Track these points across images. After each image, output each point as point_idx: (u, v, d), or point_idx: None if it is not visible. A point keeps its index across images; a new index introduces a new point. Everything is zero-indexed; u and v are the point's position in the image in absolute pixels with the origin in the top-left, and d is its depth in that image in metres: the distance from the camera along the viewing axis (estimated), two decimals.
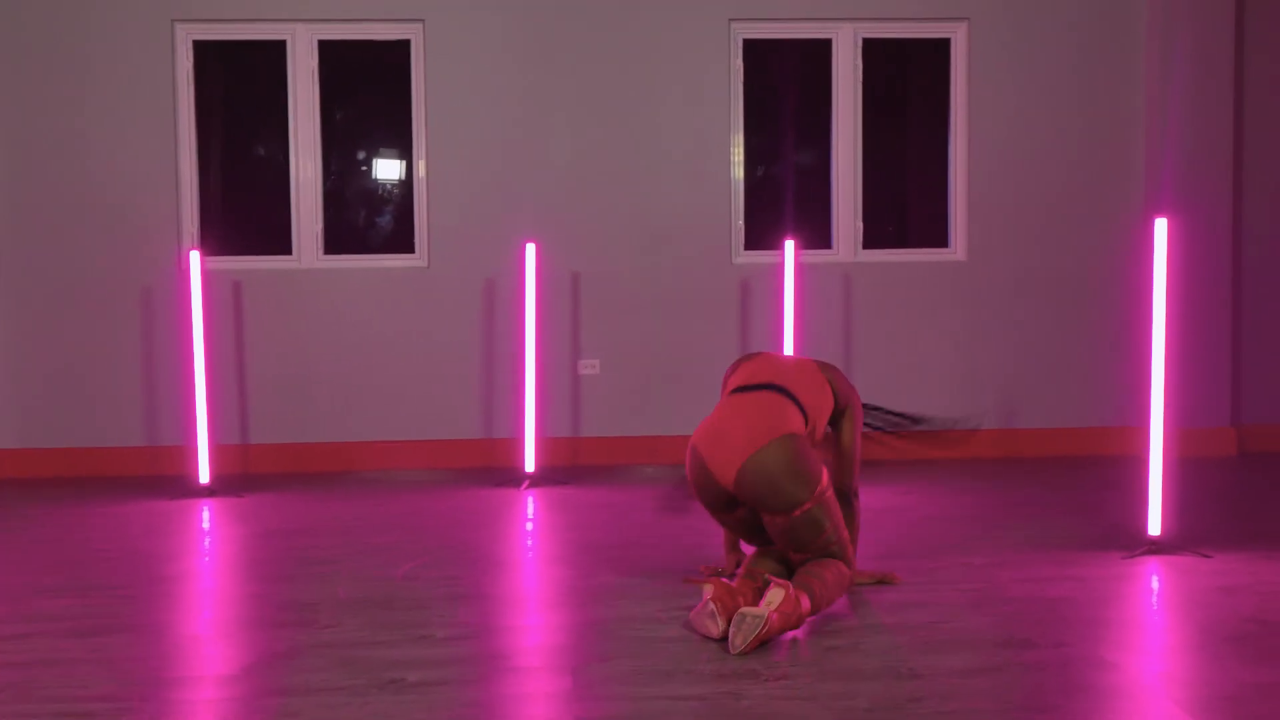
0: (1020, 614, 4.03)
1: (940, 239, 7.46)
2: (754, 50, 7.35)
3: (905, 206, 7.79)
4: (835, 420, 4.34)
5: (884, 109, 7.52)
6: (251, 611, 4.23)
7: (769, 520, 3.97)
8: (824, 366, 4.38)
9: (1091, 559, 4.73)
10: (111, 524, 5.71)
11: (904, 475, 6.68)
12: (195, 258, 6.44)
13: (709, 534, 5.10)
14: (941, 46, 7.39)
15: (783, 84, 7.68)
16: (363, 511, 5.94)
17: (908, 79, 7.74)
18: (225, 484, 6.62)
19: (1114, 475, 6.63)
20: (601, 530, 5.42)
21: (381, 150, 7.60)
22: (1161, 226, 4.77)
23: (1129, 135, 7.34)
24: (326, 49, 7.21)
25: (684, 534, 5.22)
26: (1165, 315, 4.78)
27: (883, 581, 4.42)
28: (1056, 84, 7.32)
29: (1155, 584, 4.45)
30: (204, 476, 6.46)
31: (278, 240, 7.25)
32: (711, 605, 3.73)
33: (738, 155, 7.32)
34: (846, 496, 4.31)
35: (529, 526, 5.76)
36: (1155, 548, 4.78)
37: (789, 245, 6.50)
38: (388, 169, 7.58)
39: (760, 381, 4.18)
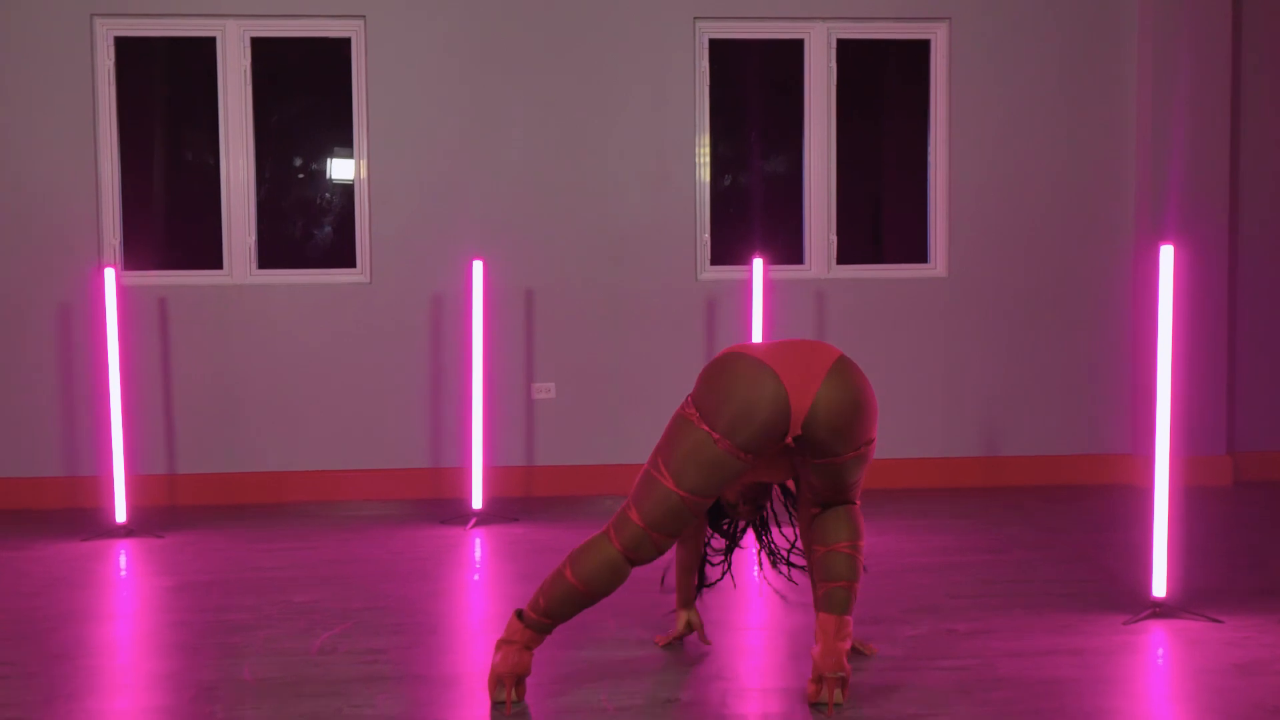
0: (1013, 703, 3.54)
1: (919, 254, 6.98)
2: (721, 51, 6.85)
3: (882, 219, 7.31)
4: None
5: (860, 115, 7.04)
6: (144, 699, 3.71)
7: (823, 464, 3.46)
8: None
9: (1089, 624, 4.25)
10: (11, 575, 5.16)
11: (877, 509, 6.19)
12: (110, 275, 5.90)
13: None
14: (920, 48, 6.91)
15: (751, 87, 7.19)
16: (290, 558, 5.41)
17: (885, 83, 7.25)
18: (145, 521, 6.09)
19: (1105, 510, 6.20)
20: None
21: (320, 157, 7.07)
22: (1167, 254, 4.29)
23: (1120, 144, 6.88)
24: (260, 47, 6.68)
25: (642, 588, 4.72)
26: (1171, 348, 4.30)
27: (858, 651, 3.94)
28: (1043, 89, 6.85)
29: (1162, 659, 3.98)
30: (120, 514, 5.93)
31: (207, 253, 6.72)
32: None
33: (703, 164, 6.83)
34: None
35: (475, 577, 5.25)
36: (1160, 611, 4.30)
37: (757, 263, 6.01)
38: (327, 177, 7.05)
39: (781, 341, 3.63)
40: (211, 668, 3.92)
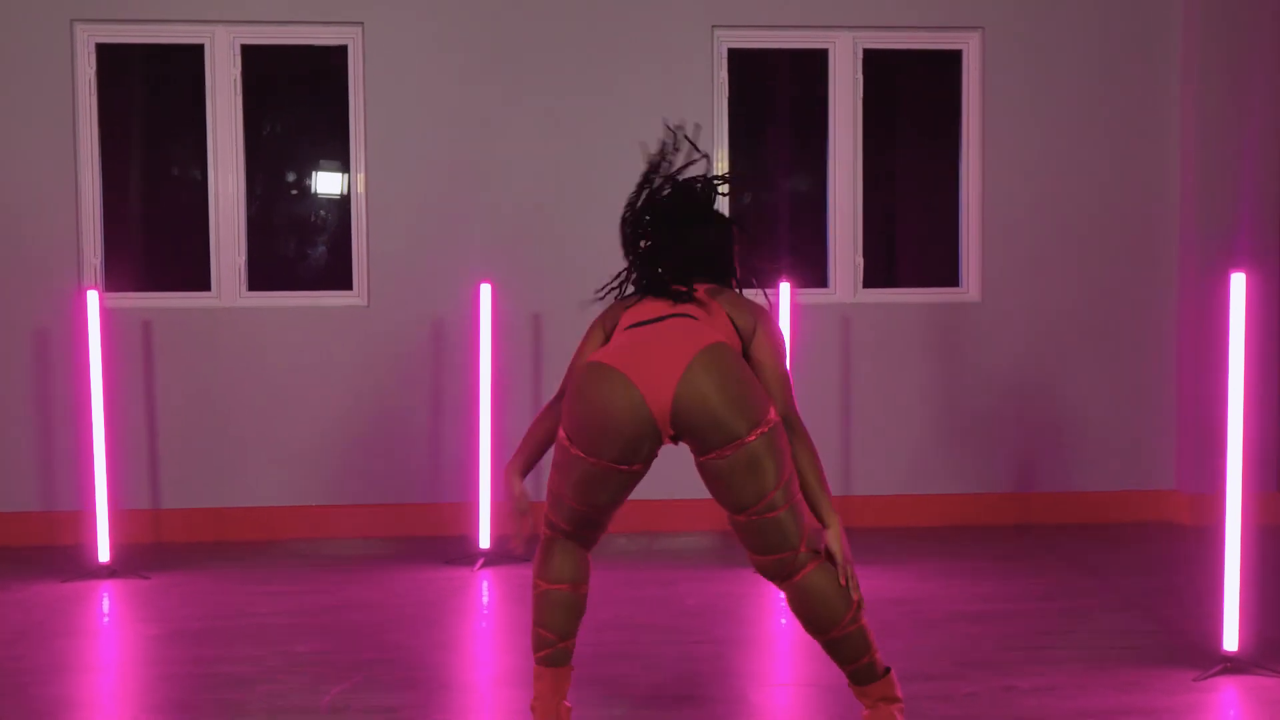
0: None
1: (950, 277, 6.84)
2: (741, 61, 6.72)
3: (910, 240, 7.17)
4: (746, 348, 3.42)
5: (886, 129, 6.91)
6: None
7: (711, 462, 3.22)
8: (711, 292, 3.47)
9: (1157, 681, 4.10)
10: None
11: (907, 551, 6.04)
12: (93, 298, 5.72)
13: (722, 641, 4.47)
14: (952, 60, 6.78)
15: (773, 101, 7.05)
16: (286, 602, 5.23)
17: (912, 96, 7.13)
18: (129, 560, 5.90)
19: (1152, 551, 6.06)
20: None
21: (314, 172, 6.92)
22: (1239, 282, 4.16)
23: (1165, 161, 6.76)
24: (251, 55, 6.52)
25: (673, 638, 4.56)
26: (1244, 388, 4.16)
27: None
28: (1082, 102, 6.72)
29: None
30: (103, 553, 5.74)
31: (193, 274, 6.55)
32: None
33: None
34: (793, 425, 3.37)
35: (483, 624, 5.08)
36: (1232, 666, 4.15)
37: (784, 288, 5.85)
38: (322, 193, 6.89)
39: (658, 315, 3.37)
40: None
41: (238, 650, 4.54)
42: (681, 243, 3.47)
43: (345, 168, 6.62)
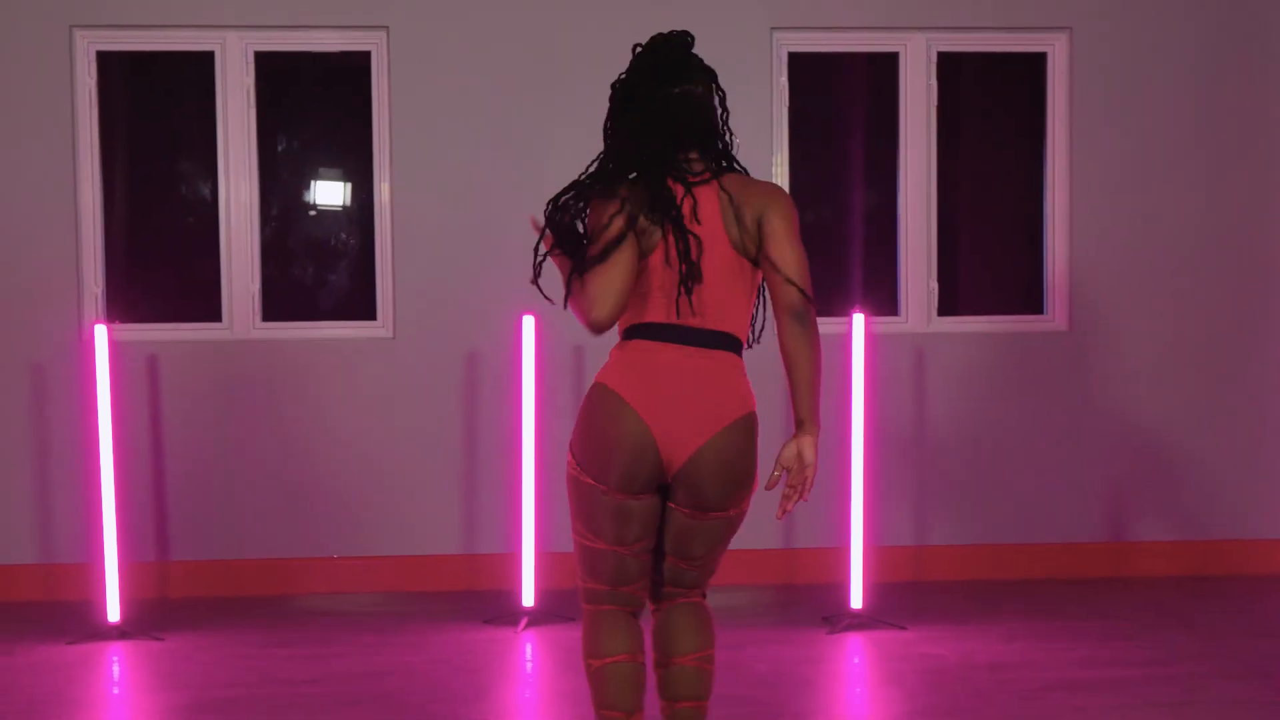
0: None
1: (1034, 304, 6.97)
2: (802, 66, 6.86)
3: (989, 263, 7.29)
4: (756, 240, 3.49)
5: (963, 140, 7.04)
6: None
7: (689, 517, 3.49)
8: (713, 178, 3.53)
9: None
10: None
11: (995, 607, 6.16)
12: (101, 333, 5.87)
13: (803, 716, 4.57)
14: (1036, 63, 6.91)
15: (838, 108, 7.18)
16: (315, 668, 5.36)
17: (992, 103, 7.26)
18: (139, 619, 6.05)
19: (1267, 611, 6.16)
20: None
21: (334, 191, 7.09)
22: None
23: (1273, 173, 6.88)
24: (266, 63, 6.68)
25: (738, 712, 4.68)
26: None
27: None
28: (1181, 110, 6.85)
29: None
30: (113, 613, 5.88)
31: (204, 303, 6.73)
32: None
33: None
34: (805, 314, 3.44)
35: (528, 693, 5.20)
36: None
37: (858, 319, 5.98)
38: (343, 214, 7.05)
39: (709, 328, 3.47)
40: None
41: None
42: (669, 101, 3.60)
43: (369, 186, 6.77)
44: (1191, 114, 6.88)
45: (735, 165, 3.63)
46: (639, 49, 3.75)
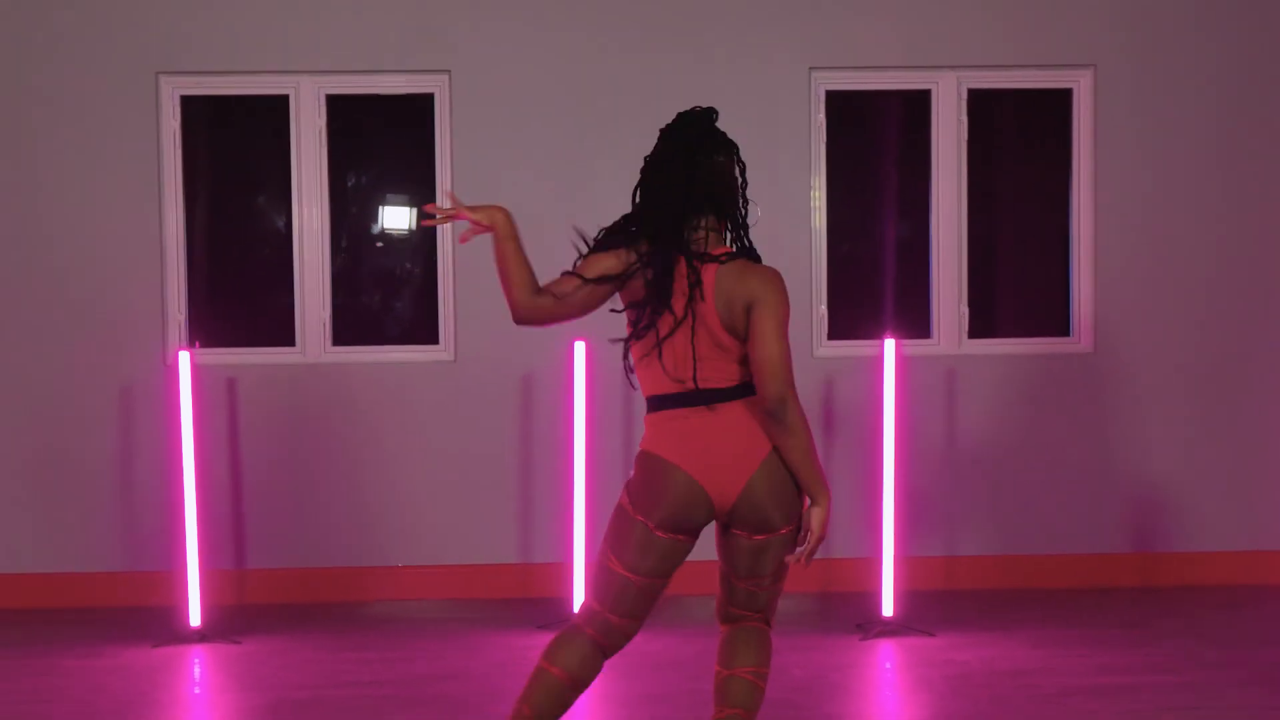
0: None
1: (1061, 327, 7.11)
2: (839, 103, 7.04)
3: (1017, 287, 7.43)
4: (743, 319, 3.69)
5: (993, 171, 7.20)
6: None
7: (756, 539, 3.71)
8: (714, 256, 3.73)
9: None
10: (82, 687, 5.38)
11: (1022, 615, 6.30)
12: (185, 359, 6.13)
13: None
14: (1062, 99, 7.06)
15: (873, 143, 7.35)
16: (384, 671, 5.59)
17: (1020, 137, 7.41)
18: (218, 623, 6.30)
19: None
20: (678, 708, 5.05)
21: (400, 224, 7.32)
22: None
23: None
24: (336, 105, 6.94)
25: (776, 716, 4.86)
26: None
27: None
28: (1201, 143, 6.98)
29: None
30: (194, 618, 6.14)
31: (278, 329, 6.98)
32: None
33: (820, 227, 7.00)
34: (787, 405, 3.61)
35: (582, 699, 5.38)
36: None
37: (889, 343, 6.14)
38: (408, 246, 7.28)
39: (712, 388, 3.70)
40: None
41: None
42: (693, 170, 3.76)
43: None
44: (1212, 146, 7.00)
45: (745, 240, 3.85)
46: (666, 128, 3.91)
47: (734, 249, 3.80)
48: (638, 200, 3.85)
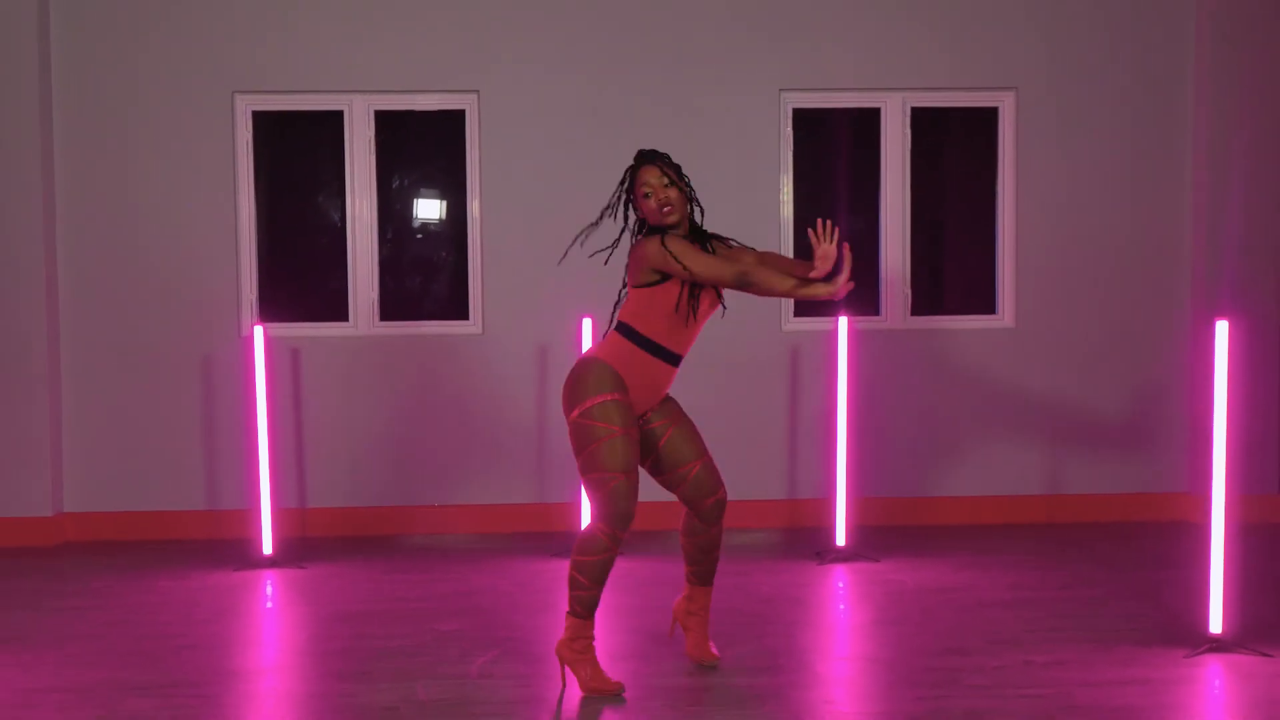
0: None
1: (988, 306, 7.50)
2: (804, 118, 7.42)
3: (953, 274, 7.82)
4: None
5: (932, 176, 7.56)
6: (337, 718, 4.31)
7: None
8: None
9: (1153, 658, 4.78)
10: (179, 603, 5.80)
11: (950, 545, 6.73)
12: (259, 333, 6.52)
13: (791, 623, 5.17)
14: (989, 115, 7.43)
15: (832, 152, 7.72)
16: (424, 589, 6.01)
17: (955, 146, 7.78)
18: (286, 552, 6.71)
19: (1164, 548, 6.70)
20: (663, 615, 5.48)
21: (437, 219, 7.68)
22: (1223, 330, 4.81)
23: (1178, 212, 7.39)
24: (383, 119, 7.30)
25: (743, 620, 5.29)
26: (1226, 417, 4.81)
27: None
28: (1105, 155, 7.37)
29: (1219, 690, 4.50)
30: (267, 547, 6.55)
31: (335, 306, 7.35)
32: None
33: (787, 220, 7.39)
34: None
35: None
36: (1216, 645, 4.82)
37: (842, 321, 6.55)
38: (443, 236, 7.66)
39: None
40: (387, 691, 4.51)
41: (394, 629, 5.32)
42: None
43: (463, 214, 7.38)
44: (1117, 156, 7.37)
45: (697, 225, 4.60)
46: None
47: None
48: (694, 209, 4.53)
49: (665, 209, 4.43)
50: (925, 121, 7.47)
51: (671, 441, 4.53)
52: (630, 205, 4.59)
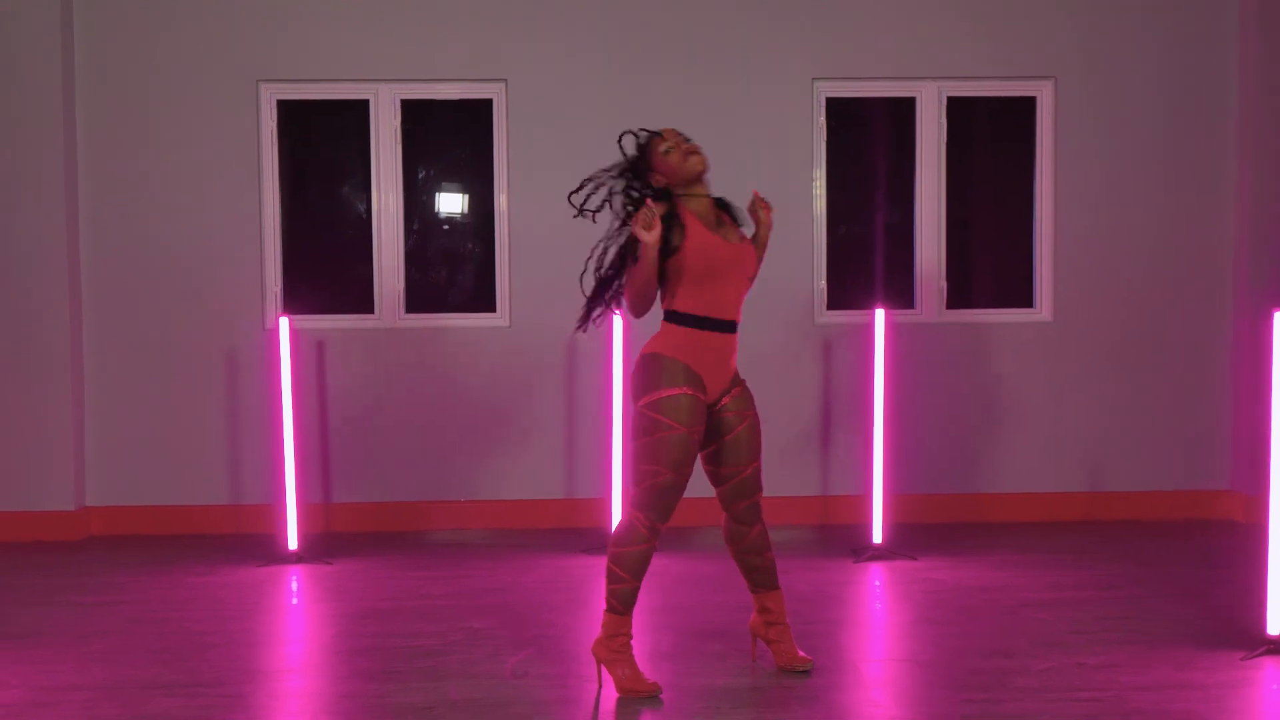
0: None
1: (1025, 299, 7.33)
2: (838, 108, 7.26)
3: (989, 267, 7.64)
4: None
5: (969, 167, 7.40)
6: (369, 718, 4.17)
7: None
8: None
9: (1209, 660, 4.60)
10: (204, 599, 5.67)
11: (991, 544, 6.57)
12: (284, 324, 6.39)
13: (831, 622, 5.02)
14: (1027, 105, 7.26)
15: (866, 142, 7.56)
16: (453, 585, 5.87)
17: (992, 137, 7.60)
18: (311, 548, 6.58)
19: (1208, 545, 6.52)
20: (701, 613, 5.33)
21: (463, 210, 7.55)
22: (1279, 321, 4.63)
23: (1221, 203, 7.19)
24: (409, 108, 7.16)
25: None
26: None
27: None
28: (1146, 144, 7.19)
29: None
30: (292, 543, 6.42)
31: (360, 298, 7.22)
32: None
33: (820, 213, 7.23)
34: None
35: None
36: (1275, 648, 4.64)
37: (879, 313, 6.38)
38: (469, 228, 7.52)
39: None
40: (418, 691, 4.36)
41: (422, 627, 5.18)
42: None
43: (490, 206, 7.24)
44: (1156, 146, 7.20)
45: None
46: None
47: None
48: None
49: (692, 156, 4.44)
50: (961, 111, 7.29)
51: (738, 439, 4.37)
52: (635, 193, 4.66)
